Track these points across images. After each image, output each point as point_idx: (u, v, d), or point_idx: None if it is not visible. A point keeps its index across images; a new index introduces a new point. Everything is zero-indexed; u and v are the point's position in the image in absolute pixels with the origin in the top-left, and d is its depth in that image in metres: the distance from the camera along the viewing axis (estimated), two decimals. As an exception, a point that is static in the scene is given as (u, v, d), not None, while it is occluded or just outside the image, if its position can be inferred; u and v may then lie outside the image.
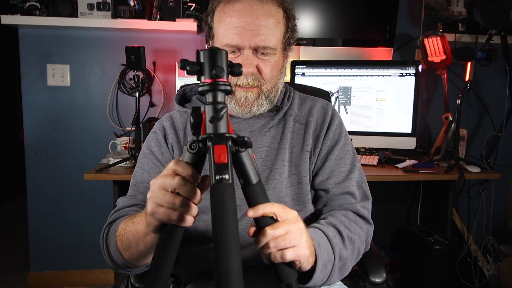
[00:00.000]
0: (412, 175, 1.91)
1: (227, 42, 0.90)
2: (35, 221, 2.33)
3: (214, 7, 0.94)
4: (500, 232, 2.55)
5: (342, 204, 0.98)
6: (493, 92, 2.46)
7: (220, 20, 0.92)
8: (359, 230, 0.94)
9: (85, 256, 2.37)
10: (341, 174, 1.00)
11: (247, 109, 0.95)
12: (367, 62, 2.17)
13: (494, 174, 2.06)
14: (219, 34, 0.92)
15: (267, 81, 0.94)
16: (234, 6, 0.90)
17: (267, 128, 1.00)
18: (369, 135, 2.11)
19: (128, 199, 0.99)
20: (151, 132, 1.05)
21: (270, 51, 0.91)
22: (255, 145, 0.99)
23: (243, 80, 0.91)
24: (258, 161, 0.97)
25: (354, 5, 2.23)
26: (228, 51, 0.89)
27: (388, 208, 2.43)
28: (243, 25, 0.88)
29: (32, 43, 2.20)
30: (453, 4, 2.38)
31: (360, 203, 0.99)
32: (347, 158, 1.03)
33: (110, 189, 1.86)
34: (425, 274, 2.03)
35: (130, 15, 2.11)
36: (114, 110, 2.29)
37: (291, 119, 1.02)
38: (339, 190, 0.99)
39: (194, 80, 0.74)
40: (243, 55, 0.90)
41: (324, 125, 1.02)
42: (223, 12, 0.91)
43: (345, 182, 1.00)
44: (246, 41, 0.89)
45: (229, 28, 0.89)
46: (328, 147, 1.01)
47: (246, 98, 0.93)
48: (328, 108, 1.06)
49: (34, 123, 2.27)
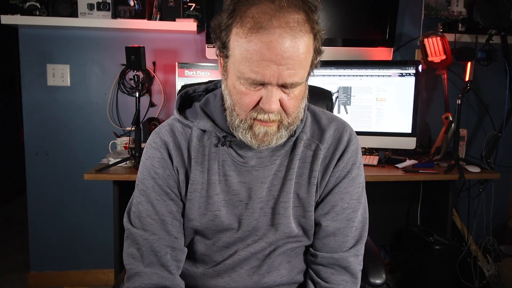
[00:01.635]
0: (412, 175, 1.91)
1: (250, 76, 0.76)
2: (35, 221, 2.33)
3: (231, 24, 0.77)
4: (500, 232, 2.55)
5: (334, 248, 0.94)
6: (493, 92, 2.46)
7: (240, 46, 0.76)
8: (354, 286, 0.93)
9: (85, 256, 2.38)
10: (343, 211, 0.93)
11: (265, 143, 0.83)
12: (367, 62, 2.17)
13: (494, 174, 2.06)
14: (238, 61, 0.77)
15: (289, 114, 0.82)
16: (262, 36, 0.73)
17: (277, 156, 0.91)
18: (369, 135, 2.11)
19: (140, 262, 0.89)
20: (150, 147, 0.93)
21: (297, 85, 0.79)
22: (263, 174, 0.91)
23: (264, 116, 0.80)
24: (264, 192, 0.91)
25: (354, 5, 2.23)
26: (247, 82, 0.77)
27: (388, 208, 2.43)
28: (273, 59, 0.73)
29: (32, 43, 2.20)
30: (453, 4, 2.38)
31: (353, 249, 0.94)
32: (354, 193, 0.94)
33: (110, 189, 1.86)
34: (425, 274, 2.03)
35: (130, 15, 2.11)
36: (114, 110, 2.29)
37: (302, 144, 0.92)
38: (334, 228, 0.93)
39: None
40: (267, 90, 0.78)
41: (336, 153, 0.92)
42: (245, 38, 0.75)
43: (344, 222, 0.93)
44: (274, 79, 0.75)
45: (253, 61, 0.74)
46: (337, 178, 0.93)
47: (266, 133, 0.82)
48: (344, 133, 0.94)
49: (34, 123, 2.27)
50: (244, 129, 0.83)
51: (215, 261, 0.95)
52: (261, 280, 0.94)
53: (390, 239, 2.41)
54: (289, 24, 0.73)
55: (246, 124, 0.82)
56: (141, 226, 0.90)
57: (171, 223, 0.90)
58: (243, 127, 0.83)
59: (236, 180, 0.91)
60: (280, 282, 0.96)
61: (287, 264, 0.96)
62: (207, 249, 0.95)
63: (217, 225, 0.91)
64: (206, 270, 0.96)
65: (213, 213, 0.91)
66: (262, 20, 0.73)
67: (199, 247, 0.95)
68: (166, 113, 2.32)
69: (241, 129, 0.83)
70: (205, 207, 0.91)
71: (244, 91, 0.79)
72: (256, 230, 0.92)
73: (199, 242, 0.95)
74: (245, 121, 0.82)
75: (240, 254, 0.93)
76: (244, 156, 0.91)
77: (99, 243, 2.36)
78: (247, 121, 0.81)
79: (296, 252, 0.98)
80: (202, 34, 2.26)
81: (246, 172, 0.91)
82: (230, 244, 0.93)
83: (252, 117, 0.81)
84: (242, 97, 0.80)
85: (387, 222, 2.40)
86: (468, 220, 2.35)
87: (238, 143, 0.90)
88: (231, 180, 0.91)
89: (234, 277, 0.94)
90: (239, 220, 0.92)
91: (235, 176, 0.91)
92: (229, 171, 0.91)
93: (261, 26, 0.73)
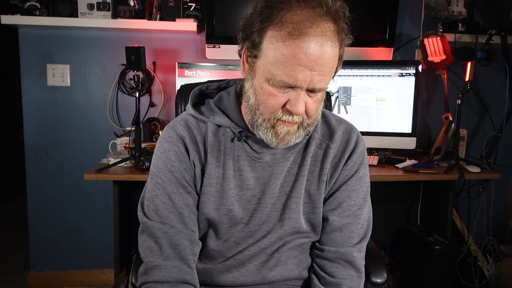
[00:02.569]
0: (412, 175, 1.91)
1: (283, 79, 0.79)
2: (35, 221, 2.33)
3: (268, 26, 0.79)
4: (500, 232, 2.55)
5: (340, 243, 0.96)
6: (493, 92, 2.46)
7: (276, 49, 0.78)
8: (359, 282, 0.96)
9: (85, 256, 2.38)
10: (350, 208, 0.96)
11: (284, 142, 0.87)
12: (367, 62, 2.17)
13: (494, 174, 2.06)
14: (270, 63, 0.80)
15: (310, 117, 0.86)
16: (301, 42, 0.76)
17: (291, 153, 0.95)
18: (369, 135, 2.11)
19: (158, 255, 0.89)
20: (165, 141, 0.94)
21: (323, 90, 0.84)
22: (277, 170, 0.93)
23: (288, 117, 0.84)
24: (277, 187, 0.94)
25: (354, 5, 2.21)
26: (277, 85, 0.81)
27: (388, 208, 2.43)
28: (308, 65, 0.77)
29: (32, 43, 2.20)
30: (453, 4, 2.38)
31: (358, 245, 0.97)
32: (361, 191, 0.98)
33: (110, 189, 1.86)
34: (425, 274, 2.03)
35: (130, 15, 2.11)
36: (114, 110, 2.29)
37: (314, 143, 0.96)
38: (340, 223, 0.96)
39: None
40: (296, 93, 0.81)
41: (345, 153, 0.96)
42: (283, 42, 0.77)
43: (350, 219, 0.96)
44: (305, 83, 0.79)
45: (289, 64, 0.77)
46: (345, 177, 0.96)
47: (288, 132, 0.86)
48: (352, 134, 0.98)
49: (34, 123, 2.27)
50: (267, 128, 0.86)
51: (225, 256, 0.96)
52: (268, 274, 0.96)
53: (390, 239, 2.41)
54: (325, 33, 0.78)
55: (269, 123, 0.85)
56: (158, 220, 0.90)
57: (188, 216, 0.91)
58: (265, 126, 0.86)
59: (250, 175, 0.93)
60: (287, 277, 0.97)
61: (295, 259, 0.98)
62: (218, 245, 0.96)
63: (230, 218, 0.93)
64: (216, 265, 0.97)
65: (227, 207, 0.93)
66: (302, 26, 0.76)
67: (210, 243, 0.96)
68: (166, 113, 2.32)
69: (263, 128, 0.86)
70: (219, 201, 0.93)
71: (272, 92, 0.82)
72: (266, 225, 0.94)
73: (210, 238, 0.96)
74: (268, 120, 0.85)
75: (250, 250, 0.95)
76: (259, 152, 0.93)
77: (99, 243, 2.36)
78: (271, 121, 0.85)
79: (303, 248, 1.00)
80: (202, 34, 2.26)
81: (260, 168, 0.94)
82: (240, 239, 0.94)
83: (276, 118, 0.84)
84: (269, 98, 0.83)
85: (387, 222, 2.40)
86: (468, 220, 2.35)
87: (253, 139, 0.93)
88: (245, 175, 0.93)
89: (242, 271, 0.95)
90: (251, 214, 0.93)
91: (249, 172, 0.93)
92: (244, 166, 0.93)
93: (301, 33, 0.76)
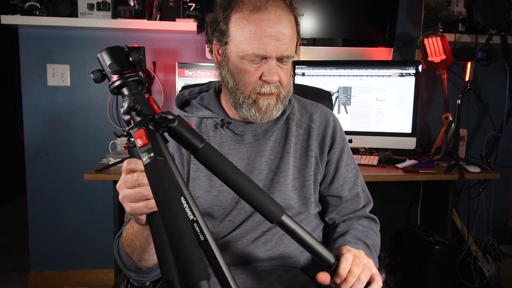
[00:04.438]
0: (412, 175, 1.91)
1: (254, 51, 0.89)
2: (35, 221, 2.33)
3: (230, 13, 0.91)
4: (500, 232, 2.55)
5: (353, 209, 1.08)
6: (493, 92, 2.46)
7: (242, 28, 0.89)
8: (375, 236, 1.04)
9: (85, 256, 2.38)
10: (350, 179, 1.07)
11: (267, 116, 0.95)
12: (367, 62, 2.17)
13: (494, 174, 2.06)
14: (240, 42, 0.90)
15: (284, 88, 0.95)
16: (262, 16, 0.88)
17: (271, 132, 1.02)
18: (369, 135, 2.11)
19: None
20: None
21: (290, 59, 0.93)
22: (260, 148, 1.00)
23: (267, 88, 0.92)
24: (262, 164, 1.00)
25: (354, 5, 2.23)
26: (250, 59, 0.90)
27: (388, 208, 2.43)
28: (272, 34, 0.88)
29: (32, 43, 2.20)
30: (453, 4, 2.38)
31: (368, 206, 1.09)
32: (352, 163, 1.09)
33: (110, 189, 1.86)
34: (425, 274, 2.03)
35: (130, 15, 2.11)
36: (114, 110, 2.29)
37: (294, 124, 1.03)
38: (350, 195, 1.07)
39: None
40: (268, 64, 0.91)
41: (328, 131, 1.05)
42: (246, 20, 0.89)
43: (354, 188, 1.07)
44: (274, 51, 0.89)
45: (256, 38, 0.88)
46: (338, 155, 1.05)
47: (268, 105, 0.94)
48: (329, 115, 1.08)
49: (34, 123, 2.27)
50: (249, 104, 0.94)
51: (221, 236, 0.98)
52: (264, 247, 0.98)
53: (390, 239, 2.41)
54: (280, 5, 0.90)
55: (251, 99, 0.93)
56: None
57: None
58: (247, 103, 0.93)
59: (236, 157, 1.00)
60: (282, 252, 0.99)
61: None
62: (214, 227, 0.98)
63: (221, 200, 0.98)
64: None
65: (216, 189, 0.98)
66: (260, 3, 0.89)
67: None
68: (166, 113, 2.32)
69: (245, 105, 0.94)
70: (209, 184, 0.98)
71: (247, 68, 0.91)
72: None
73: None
74: (248, 97, 0.93)
75: (246, 225, 0.98)
76: (241, 135, 1.01)
77: (99, 243, 2.35)
78: (251, 97, 0.93)
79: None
80: (202, 34, 2.26)
81: (244, 149, 1.00)
82: (234, 217, 0.98)
83: (255, 92, 0.92)
84: (245, 75, 0.92)
85: (387, 222, 2.38)
86: (468, 220, 2.35)
87: (234, 124, 1.01)
88: (231, 158, 0.99)
89: (240, 247, 0.98)
90: None
91: (234, 154, 1.00)
92: (228, 149, 1.00)
93: (260, 8, 0.88)
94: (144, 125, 0.64)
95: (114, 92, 0.70)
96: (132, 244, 0.85)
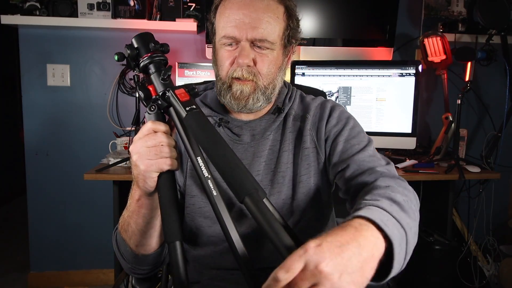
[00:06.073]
0: (412, 175, 1.91)
1: (225, 34, 0.90)
2: (35, 221, 2.33)
3: (216, 11, 0.94)
4: (500, 232, 2.55)
5: (371, 168, 0.87)
6: (493, 92, 2.46)
7: (220, 14, 0.92)
8: (406, 192, 0.81)
9: (85, 256, 2.38)
10: (354, 147, 0.93)
11: (242, 103, 0.92)
12: (367, 62, 2.17)
13: (494, 174, 2.06)
14: (218, 28, 0.93)
15: (263, 76, 0.91)
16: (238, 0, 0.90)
17: (269, 131, 0.98)
18: (369, 135, 2.10)
19: None
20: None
21: (267, 44, 0.90)
22: (258, 148, 0.97)
23: (239, 72, 0.90)
24: (261, 165, 0.97)
25: (354, 5, 2.23)
26: (226, 43, 0.91)
27: (388, 208, 2.43)
28: (241, 17, 0.88)
29: (32, 43, 2.20)
30: (453, 4, 2.38)
31: (388, 166, 0.90)
32: (361, 136, 0.96)
33: (110, 189, 1.86)
34: (425, 274, 2.02)
35: (130, 15, 2.11)
36: (114, 110, 2.29)
37: (291, 119, 1.00)
38: (360, 158, 0.90)
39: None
40: (240, 47, 0.90)
41: (324, 115, 0.99)
42: (223, 6, 0.92)
43: (361, 153, 0.92)
44: (243, 33, 0.88)
45: (228, 21, 0.89)
46: (337, 129, 0.97)
47: (242, 91, 0.91)
48: (327, 103, 1.02)
49: (34, 123, 2.27)
50: (225, 90, 0.93)
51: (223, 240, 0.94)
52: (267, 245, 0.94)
53: (390, 239, 2.41)
54: None
55: (226, 85, 0.92)
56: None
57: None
58: (224, 90, 0.93)
59: None
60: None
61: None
62: (215, 230, 0.95)
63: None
64: (217, 248, 0.96)
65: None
66: None
67: (207, 231, 0.96)
68: (166, 113, 2.32)
69: (223, 92, 0.93)
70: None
71: (223, 53, 0.92)
72: None
73: (204, 228, 0.96)
74: (225, 82, 0.92)
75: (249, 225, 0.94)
76: (239, 134, 0.99)
77: (99, 243, 2.36)
78: (227, 82, 0.92)
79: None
80: (202, 34, 2.26)
81: (242, 149, 0.98)
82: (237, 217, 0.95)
83: (230, 76, 0.91)
84: (223, 59, 0.92)
85: (387, 222, 2.40)
86: (468, 220, 2.35)
87: (233, 124, 0.99)
88: None
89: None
90: None
91: None
92: None
93: None
94: (182, 87, 0.78)
95: (146, 65, 0.82)
96: (129, 228, 0.87)
